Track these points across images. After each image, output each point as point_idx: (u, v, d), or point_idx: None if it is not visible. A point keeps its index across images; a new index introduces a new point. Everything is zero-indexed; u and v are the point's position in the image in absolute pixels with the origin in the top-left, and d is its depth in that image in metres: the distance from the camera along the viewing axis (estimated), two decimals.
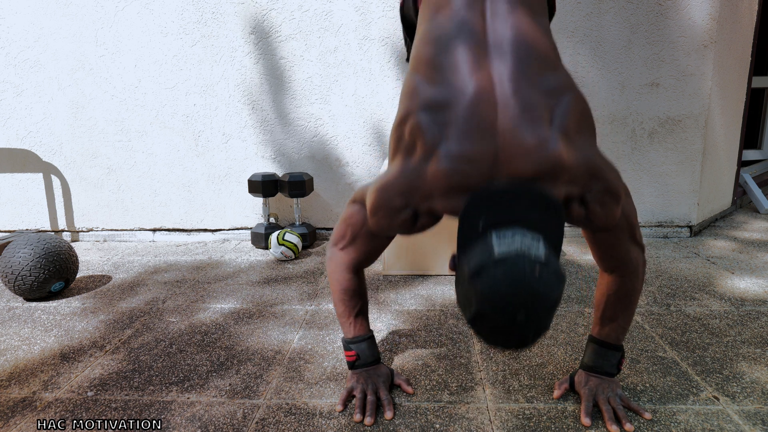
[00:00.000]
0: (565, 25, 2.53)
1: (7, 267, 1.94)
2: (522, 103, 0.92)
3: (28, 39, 2.70)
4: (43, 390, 1.38)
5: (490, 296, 0.81)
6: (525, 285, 0.79)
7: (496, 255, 0.83)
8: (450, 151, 0.92)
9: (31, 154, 2.83)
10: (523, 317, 0.80)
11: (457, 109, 0.93)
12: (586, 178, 0.96)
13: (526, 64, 0.95)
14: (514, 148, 0.90)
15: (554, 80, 0.97)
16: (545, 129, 0.91)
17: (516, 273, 0.80)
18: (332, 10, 2.58)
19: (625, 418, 1.16)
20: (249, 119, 2.73)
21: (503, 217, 0.89)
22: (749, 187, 3.25)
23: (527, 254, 0.82)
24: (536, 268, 0.81)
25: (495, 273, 0.81)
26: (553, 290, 0.82)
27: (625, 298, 1.19)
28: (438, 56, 1.00)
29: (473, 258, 0.86)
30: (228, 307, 1.91)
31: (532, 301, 0.80)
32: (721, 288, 1.98)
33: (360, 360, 1.31)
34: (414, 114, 0.98)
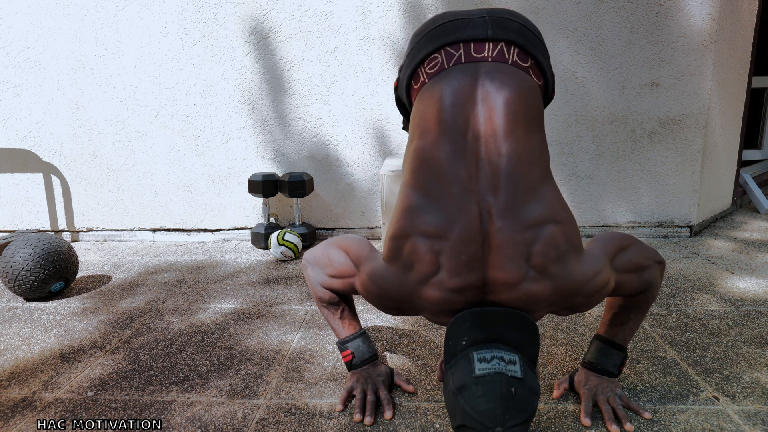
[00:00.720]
0: (565, 25, 2.53)
1: (7, 267, 1.94)
2: (504, 241, 0.98)
3: (28, 39, 2.70)
4: (43, 390, 1.38)
5: (471, 412, 0.90)
6: (502, 403, 0.88)
7: (477, 374, 0.92)
8: (443, 283, 1.01)
9: (31, 154, 2.83)
10: (501, 431, 0.88)
11: (449, 242, 0.99)
12: (565, 298, 1.03)
13: (512, 198, 0.99)
14: (498, 282, 1.00)
15: (537, 211, 1.00)
16: (522, 268, 0.98)
17: (494, 392, 0.89)
18: (332, 10, 2.58)
19: (625, 418, 1.16)
20: (249, 119, 2.73)
21: (484, 336, 0.98)
22: (749, 187, 3.25)
23: (504, 374, 0.91)
24: (512, 387, 0.90)
25: (475, 390, 0.90)
26: (529, 406, 0.90)
27: (642, 306, 1.21)
28: (432, 185, 1.03)
29: (457, 374, 0.95)
30: (228, 307, 1.91)
31: (509, 416, 0.88)
32: (721, 288, 1.98)
33: (356, 358, 1.31)
34: (414, 238, 1.03)
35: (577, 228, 1.05)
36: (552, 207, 1.01)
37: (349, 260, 1.21)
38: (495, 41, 1.08)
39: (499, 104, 1.02)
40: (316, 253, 1.30)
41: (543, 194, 1.02)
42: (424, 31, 1.15)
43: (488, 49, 1.08)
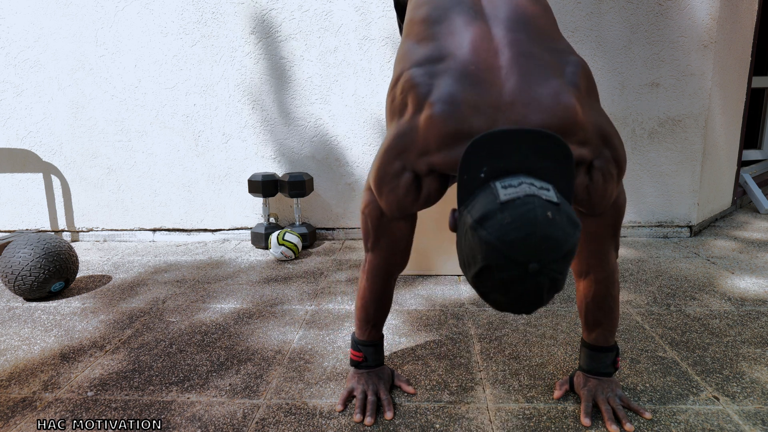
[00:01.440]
0: (566, 24, 2.53)
1: (7, 267, 1.94)
2: (527, 52, 0.85)
3: (28, 39, 2.70)
4: (43, 390, 1.38)
5: (497, 244, 0.71)
6: (537, 229, 0.69)
7: (503, 199, 0.73)
8: (443, 95, 0.84)
9: (31, 154, 2.83)
10: (537, 266, 0.70)
11: (453, 57, 0.87)
12: (597, 142, 0.89)
13: (525, 29, 0.91)
14: (521, 95, 0.82)
15: (558, 44, 0.92)
16: (557, 80, 0.83)
17: (527, 216, 0.70)
18: (332, 10, 2.58)
19: (625, 418, 1.16)
20: (249, 119, 2.73)
21: (509, 164, 0.79)
22: (749, 187, 3.25)
23: (538, 196, 0.73)
24: (549, 211, 0.71)
25: (502, 218, 0.71)
26: (569, 236, 0.72)
27: (604, 304, 1.16)
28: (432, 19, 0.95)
29: (476, 206, 0.76)
30: (228, 307, 1.91)
31: (546, 247, 0.70)
32: (721, 288, 1.98)
33: (366, 362, 1.31)
34: (406, 71, 0.93)
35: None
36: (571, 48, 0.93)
37: (369, 192, 1.08)
38: None
39: None
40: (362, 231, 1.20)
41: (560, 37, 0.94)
42: None
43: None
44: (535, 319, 1.74)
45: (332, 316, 1.80)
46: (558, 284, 0.74)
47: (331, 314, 1.82)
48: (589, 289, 1.16)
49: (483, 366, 1.45)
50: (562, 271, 0.73)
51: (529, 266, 0.70)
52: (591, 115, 0.88)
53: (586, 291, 1.17)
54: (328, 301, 1.94)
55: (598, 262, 1.10)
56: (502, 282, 0.73)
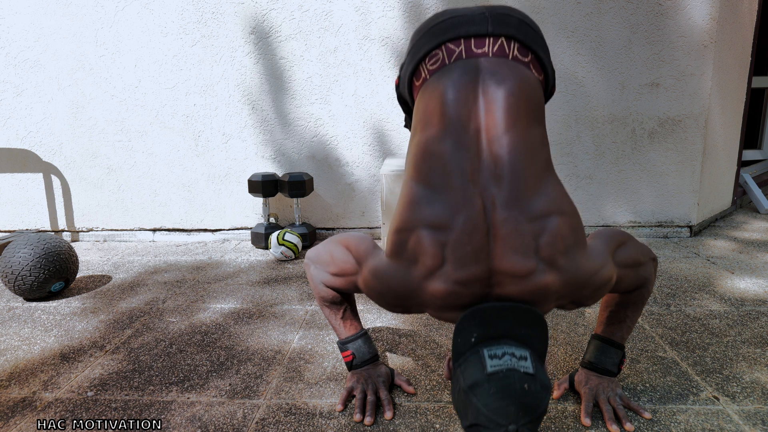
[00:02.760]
0: (565, 24, 2.53)
1: (7, 267, 1.94)
2: (510, 231, 0.97)
3: (28, 39, 2.70)
4: (43, 390, 1.38)
5: (483, 410, 0.88)
6: (515, 400, 0.87)
7: (489, 371, 0.90)
8: (448, 275, 0.99)
9: (31, 154, 2.83)
10: (514, 428, 0.87)
11: (454, 233, 0.99)
12: (573, 291, 1.02)
13: (516, 189, 0.99)
14: (505, 274, 0.98)
15: (542, 203, 1.00)
16: (531, 259, 0.97)
17: (507, 389, 0.87)
18: (332, 10, 2.58)
19: (625, 417, 1.16)
20: (249, 119, 2.73)
21: (493, 332, 0.96)
22: (749, 187, 3.25)
23: (516, 370, 0.90)
24: (525, 383, 0.88)
25: (488, 388, 0.88)
26: (542, 401, 0.89)
27: (639, 302, 1.21)
28: (435, 176, 1.03)
29: (467, 372, 0.93)
30: (228, 307, 1.91)
31: (523, 413, 0.87)
32: (721, 288, 1.98)
33: (357, 358, 1.31)
34: (418, 230, 1.02)
35: (581, 221, 1.05)
36: (556, 199, 1.01)
37: (351, 257, 1.20)
38: (495, 36, 1.09)
39: (500, 98, 1.02)
40: (318, 251, 1.30)
41: (546, 186, 1.02)
42: (424, 29, 1.15)
43: (489, 44, 1.09)
44: None
45: None
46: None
47: None
48: (632, 294, 1.22)
49: None
50: (536, 427, 0.90)
51: (508, 428, 0.86)
52: (563, 275, 1.00)
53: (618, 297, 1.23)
54: None
55: (635, 287, 1.19)
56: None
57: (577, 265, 1.01)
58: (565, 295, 1.03)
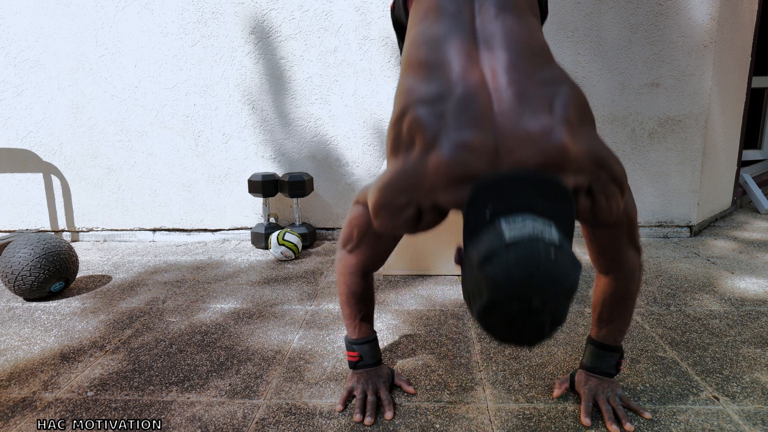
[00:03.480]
0: (565, 24, 2.53)
1: (7, 267, 1.94)
2: (517, 92, 0.90)
3: (28, 39, 2.70)
4: (43, 390, 1.38)
5: (502, 282, 0.75)
6: (540, 268, 0.75)
7: (508, 239, 0.78)
8: (450, 140, 0.90)
9: (31, 154, 2.83)
10: (539, 303, 0.75)
11: (452, 100, 0.93)
12: (592, 168, 0.93)
13: (517, 57, 0.95)
14: (515, 137, 0.88)
15: (549, 72, 0.96)
16: (546, 118, 0.88)
17: (530, 256, 0.75)
18: (332, 10, 2.58)
19: (625, 417, 1.16)
20: (249, 119, 2.73)
21: (512, 204, 0.84)
22: (749, 187, 3.25)
23: (541, 238, 0.78)
24: (551, 251, 0.76)
25: (507, 257, 0.76)
26: (569, 274, 0.77)
27: (622, 301, 1.18)
28: (429, 56, 1.01)
29: (482, 245, 0.81)
30: (228, 307, 1.91)
31: (549, 284, 0.75)
32: (721, 288, 1.98)
33: (362, 361, 1.31)
34: (412, 109, 0.96)
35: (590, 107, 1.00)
36: (564, 73, 0.97)
37: (360, 206, 1.14)
38: None
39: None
40: (341, 234, 1.26)
41: (550, 63, 0.99)
42: None
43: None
44: None
45: (332, 316, 1.80)
46: (559, 319, 0.79)
47: (331, 314, 1.82)
48: (609, 285, 1.17)
49: (483, 366, 1.45)
50: (564, 307, 0.78)
51: (532, 302, 0.75)
52: (583, 143, 0.92)
53: (605, 287, 1.18)
54: (328, 301, 1.94)
55: (618, 265, 1.13)
56: (506, 317, 0.78)
57: (594, 138, 0.94)
58: (583, 168, 0.91)
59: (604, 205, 0.96)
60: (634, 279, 1.16)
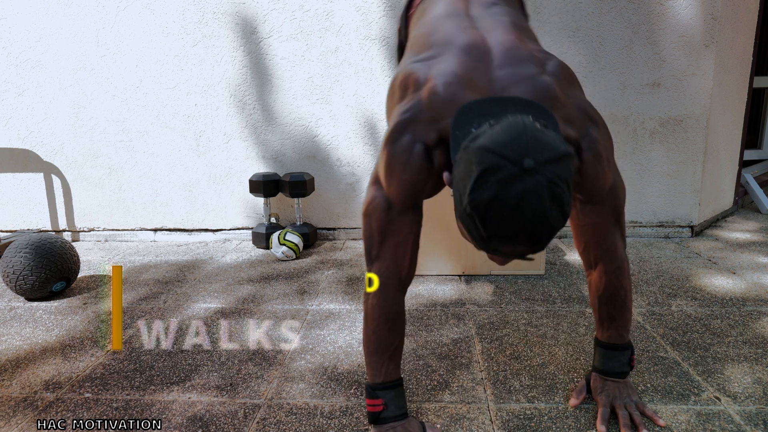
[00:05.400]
0: (566, 24, 2.53)
1: (8, 267, 1.94)
2: (512, 49, 0.97)
3: (30, 39, 2.70)
4: (44, 390, 1.38)
5: (490, 147, 0.73)
6: (527, 131, 0.73)
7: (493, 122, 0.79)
8: (441, 70, 0.95)
9: (32, 154, 2.84)
10: (531, 163, 0.70)
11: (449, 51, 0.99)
12: (581, 119, 0.95)
13: (512, 31, 1.04)
14: (509, 77, 0.92)
15: (540, 47, 1.05)
16: (539, 69, 0.94)
17: (516, 123, 0.75)
18: (333, 10, 2.58)
19: (641, 424, 1.13)
20: (250, 119, 2.73)
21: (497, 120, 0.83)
22: (751, 187, 3.24)
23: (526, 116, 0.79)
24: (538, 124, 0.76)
25: (492, 130, 0.76)
26: (561, 144, 0.74)
27: (617, 298, 1.16)
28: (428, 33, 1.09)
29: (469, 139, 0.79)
30: (229, 307, 1.91)
31: (538, 146, 0.72)
32: (722, 288, 1.98)
33: (387, 411, 1.07)
34: (405, 68, 1.03)
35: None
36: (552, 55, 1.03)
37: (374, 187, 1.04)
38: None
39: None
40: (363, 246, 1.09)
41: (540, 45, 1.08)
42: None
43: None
44: (536, 319, 1.74)
45: (333, 316, 1.81)
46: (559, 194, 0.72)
47: (332, 314, 1.82)
48: (600, 281, 1.15)
49: (484, 366, 1.45)
50: (561, 177, 0.72)
51: (523, 162, 0.70)
52: (572, 96, 0.96)
53: (597, 284, 1.16)
54: (329, 301, 1.94)
55: (606, 252, 1.10)
56: (498, 185, 0.72)
57: (584, 98, 0.99)
58: (571, 118, 0.93)
59: (591, 167, 0.95)
60: (624, 273, 1.14)
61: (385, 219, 1.02)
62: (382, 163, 0.99)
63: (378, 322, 1.06)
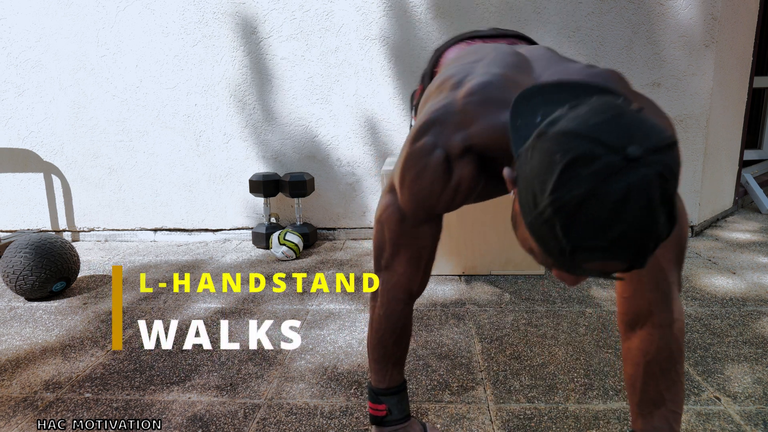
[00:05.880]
0: (567, 24, 2.53)
1: (8, 267, 1.94)
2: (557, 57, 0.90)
3: (30, 39, 2.70)
4: (44, 390, 1.38)
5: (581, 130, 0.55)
6: (625, 112, 0.56)
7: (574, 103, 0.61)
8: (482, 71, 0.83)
9: (32, 154, 2.84)
10: (638, 150, 0.53)
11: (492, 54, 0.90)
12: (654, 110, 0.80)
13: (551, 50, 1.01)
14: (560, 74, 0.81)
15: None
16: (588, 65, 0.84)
17: (608, 103, 0.57)
18: (333, 10, 2.58)
19: None
20: (250, 119, 2.73)
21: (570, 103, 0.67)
22: (751, 187, 3.24)
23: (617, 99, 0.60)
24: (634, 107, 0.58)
25: (577, 111, 0.58)
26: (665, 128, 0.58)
27: (670, 367, 0.82)
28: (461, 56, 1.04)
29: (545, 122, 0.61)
30: (229, 307, 1.91)
31: (644, 129, 0.54)
32: (722, 288, 1.98)
33: (390, 416, 1.06)
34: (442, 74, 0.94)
35: None
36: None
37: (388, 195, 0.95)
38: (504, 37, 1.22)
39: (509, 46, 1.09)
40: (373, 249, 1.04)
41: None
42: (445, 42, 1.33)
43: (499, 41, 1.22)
44: (536, 319, 1.74)
45: (333, 316, 1.81)
46: (669, 190, 0.55)
47: (331, 314, 1.82)
48: (650, 342, 0.82)
49: (484, 366, 1.45)
50: (671, 170, 0.54)
51: (627, 149, 0.53)
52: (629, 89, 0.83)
53: (645, 347, 0.83)
54: (328, 301, 1.94)
55: (663, 299, 0.81)
56: (593, 180, 0.53)
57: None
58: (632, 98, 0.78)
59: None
60: (682, 332, 0.83)
61: (399, 231, 0.94)
62: (399, 165, 0.89)
63: (384, 332, 1.02)
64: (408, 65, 2.60)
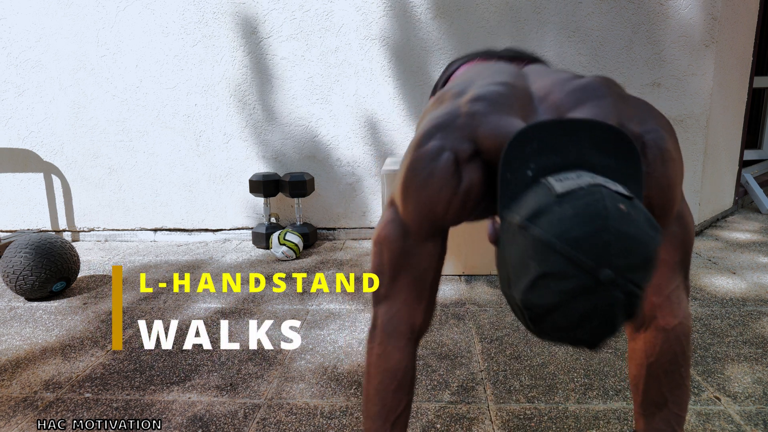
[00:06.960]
0: (567, 24, 2.53)
1: (8, 267, 1.94)
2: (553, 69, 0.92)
3: (30, 39, 2.70)
4: (44, 390, 1.38)
5: (557, 245, 0.55)
6: (609, 222, 0.54)
7: (560, 190, 0.59)
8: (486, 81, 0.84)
9: (32, 154, 2.84)
10: (610, 274, 0.54)
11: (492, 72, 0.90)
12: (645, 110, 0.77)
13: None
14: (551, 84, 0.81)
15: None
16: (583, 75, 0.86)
17: (593, 207, 0.56)
18: (333, 10, 2.58)
19: None
20: (250, 119, 2.73)
21: (563, 159, 0.65)
22: (751, 187, 3.24)
23: (604, 186, 0.58)
24: (621, 204, 0.56)
25: (562, 211, 0.57)
26: (649, 237, 0.56)
27: (675, 369, 0.82)
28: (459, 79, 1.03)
29: (526, 203, 0.62)
30: (229, 307, 1.91)
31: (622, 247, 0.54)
32: (722, 288, 1.98)
33: None
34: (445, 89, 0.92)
35: None
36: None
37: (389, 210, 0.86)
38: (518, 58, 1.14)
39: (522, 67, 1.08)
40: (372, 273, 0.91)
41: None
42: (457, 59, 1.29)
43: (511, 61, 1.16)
44: None
45: (333, 316, 1.81)
46: (634, 305, 0.57)
47: (331, 314, 1.82)
48: (654, 344, 0.82)
49: (484, 366, 1.45)
50: (641, 285, 0.56)
51: (600, 273, 0.53)
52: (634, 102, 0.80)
53: (649, 348, 0.82)
54: (328, 301, 1.94)
55: (667, 301, 0.80)
56: (562, 296, 0.56)
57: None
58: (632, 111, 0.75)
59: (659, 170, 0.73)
60: (688, 334, 0.82)
61: (399, 249, 0.83)
62: (400, 176, 0.81)
63: (382, 378, 0.83)
64: (408, 65, 2.60)
